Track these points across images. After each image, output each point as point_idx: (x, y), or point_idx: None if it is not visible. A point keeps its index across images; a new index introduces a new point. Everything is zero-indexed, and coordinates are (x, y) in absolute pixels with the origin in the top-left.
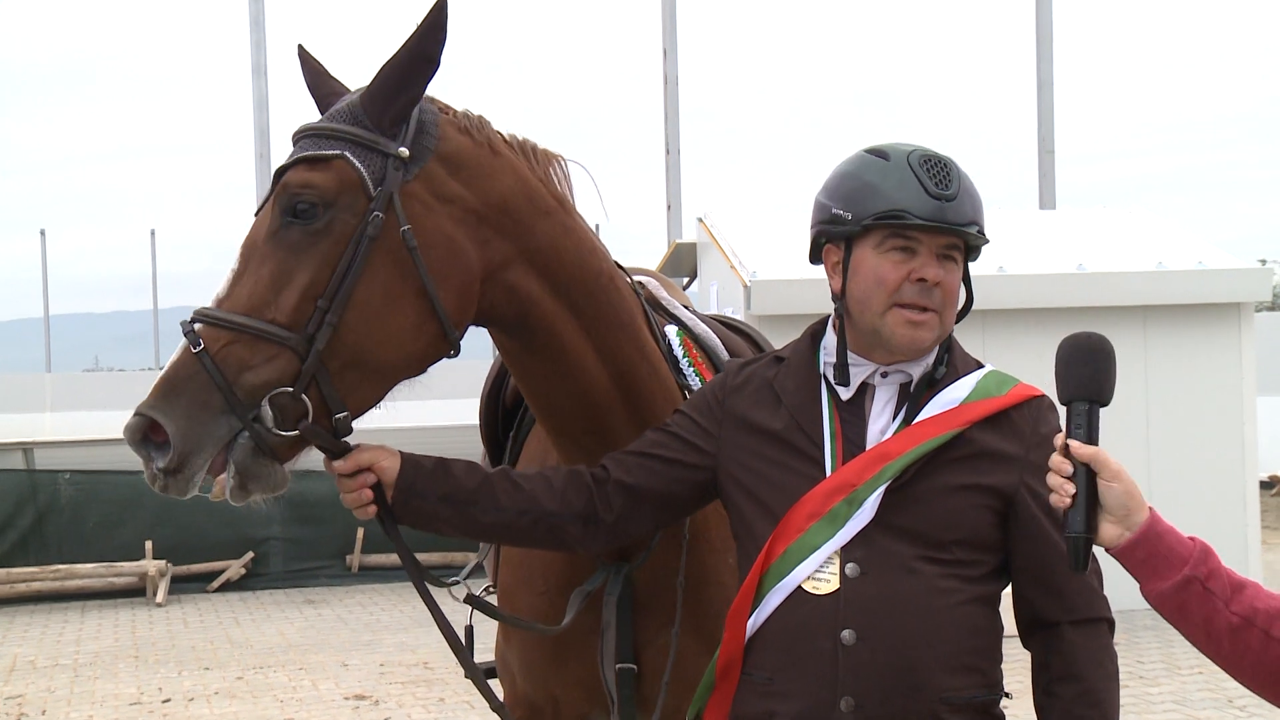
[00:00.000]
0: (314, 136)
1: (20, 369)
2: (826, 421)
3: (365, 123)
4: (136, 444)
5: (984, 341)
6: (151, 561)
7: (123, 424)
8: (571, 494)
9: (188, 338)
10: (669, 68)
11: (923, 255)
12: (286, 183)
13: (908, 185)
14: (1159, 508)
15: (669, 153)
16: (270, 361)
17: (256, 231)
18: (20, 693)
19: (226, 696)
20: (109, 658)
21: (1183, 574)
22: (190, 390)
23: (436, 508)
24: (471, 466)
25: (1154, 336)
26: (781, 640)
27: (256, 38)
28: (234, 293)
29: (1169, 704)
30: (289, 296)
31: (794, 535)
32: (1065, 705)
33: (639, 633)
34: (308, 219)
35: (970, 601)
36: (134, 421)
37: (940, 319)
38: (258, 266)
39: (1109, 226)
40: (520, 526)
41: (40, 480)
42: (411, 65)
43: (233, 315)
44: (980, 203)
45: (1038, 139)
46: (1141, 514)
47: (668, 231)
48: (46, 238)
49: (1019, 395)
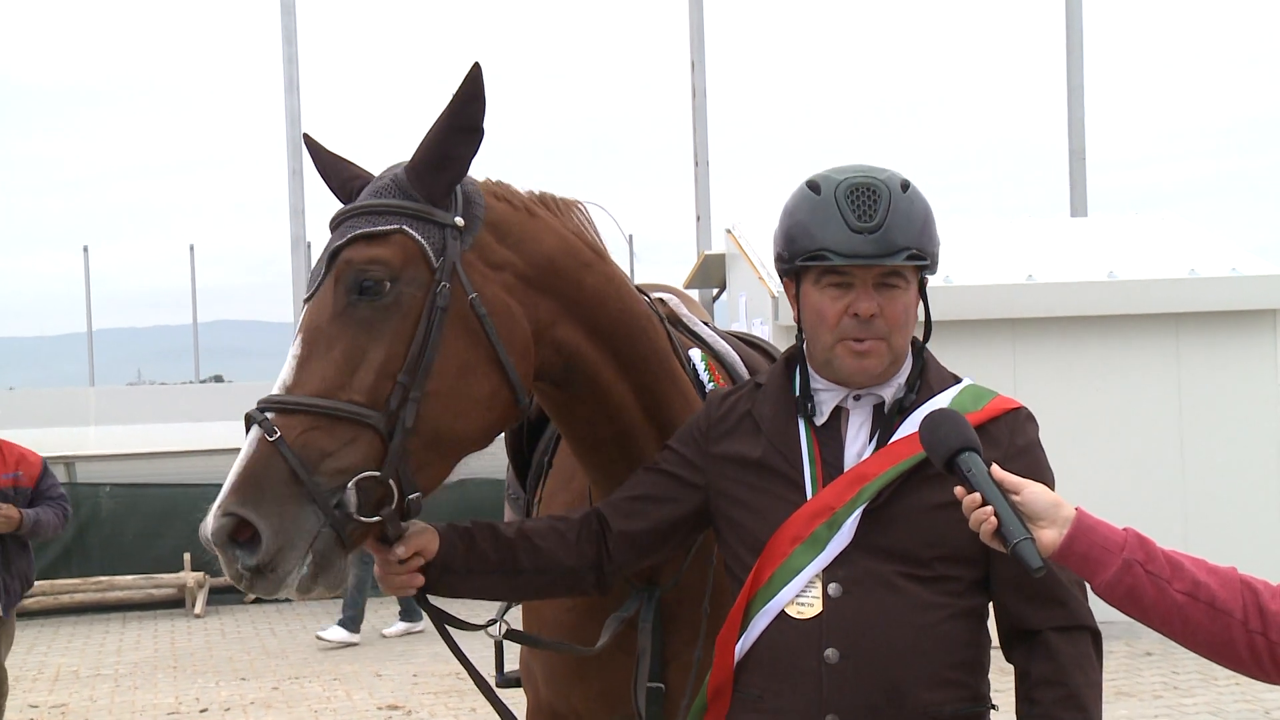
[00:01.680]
0: (365, 215)
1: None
2: (805, 446)
3: (415, 195)
4: (223, 546)
5: (1014, 351)
6: (190, 573)
7: (209, 526)
8: (585, 545)
9: (261, 426)
10: (697, 80)
11: (858, 288)
12: (349, 260)
13: (830, 222)
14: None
15: (697, 164)
16: (352, 445)
17: (317, 315)
18: (64, 702)
19: (262, 706)
20: (148, 668)
21: (1121, 558)
22: (272, 483)
23: (465, 580)
24: (495, 533)
25: (1186, 344)
26: (768, 661)
27: (289, 53)
28: (302, 378)
29: (1204, 715)
30: (365, 375)
31: (779, 560)
32: (1047, 709)
33: (665, 650)
34: (375, 295)
35: (954, 617)
36: (222, 523)
37: (888, 344)
38: (326, 349)
39: (1140, 233)
40: (540, 585)
41: (82, 493)
42: (454, 135)
43: (308, 399)
44: (919, 223)
45: (1068, 145)
46: (1068, 510)
47: (697, 243)
48: (89, 254)
49: (996, 409)
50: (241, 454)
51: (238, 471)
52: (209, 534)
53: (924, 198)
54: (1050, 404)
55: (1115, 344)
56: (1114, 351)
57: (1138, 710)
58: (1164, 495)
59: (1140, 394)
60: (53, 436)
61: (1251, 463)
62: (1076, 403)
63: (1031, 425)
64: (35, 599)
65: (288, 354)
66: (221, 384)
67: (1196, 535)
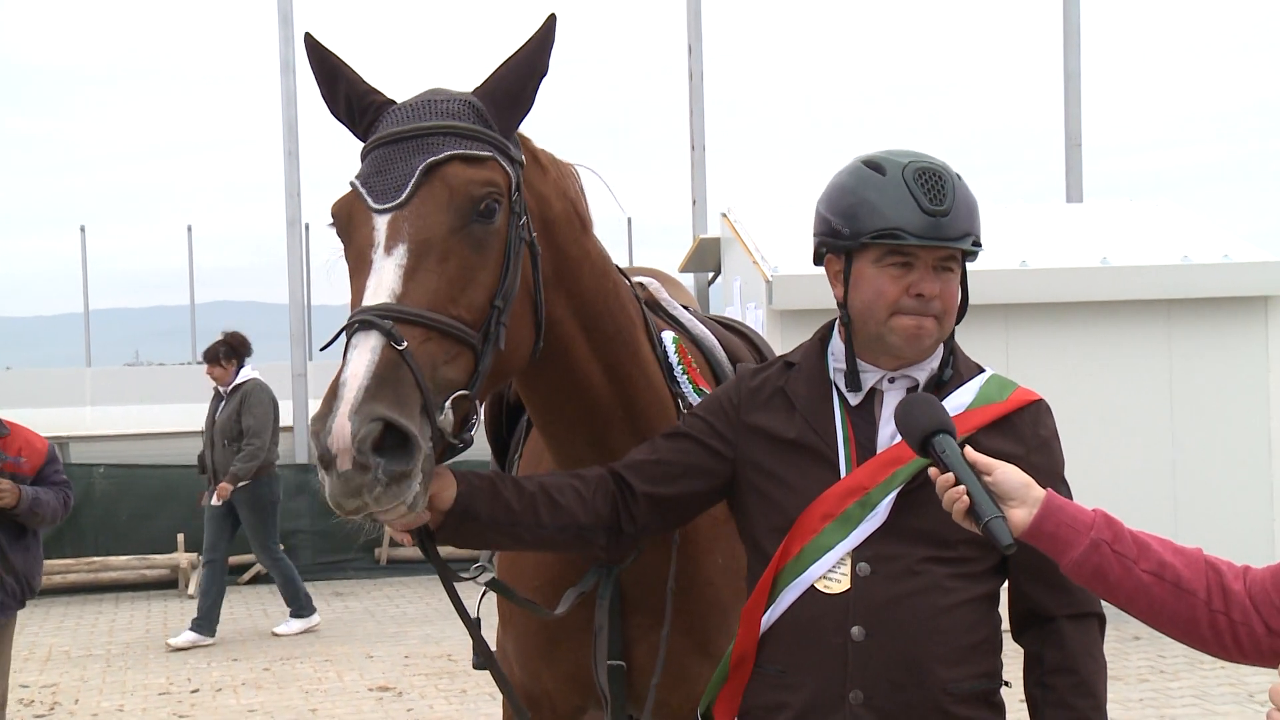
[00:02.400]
0: (453, 135)
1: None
2: (839, 425)
3: (493, 126)
4: (366, 452)
5: (1007, 336)
6: (183, 554)
7: (347, 430)
8: (600, 504)
9: (383, 333)
10: (694, 64)
11: (920, 269)
12: (463, 179)
13: (903, 202)
14: (1184, 502)
15: (694, 148)
16: (455, 360)
17: (426, 227)
18: (54, 681)
19: (253, 687)
20: (140, 648)
21: (1089, 538)
22: (406, 389)
23: (485, 529)
24: (517, 485)
25: (1179, 330)
26: (793, 636)
27: (285, 34)
28: (411, 289)
29: (1189, 698)
30: (476, 294)
31: (809, 535)
32: (1060, 695)
33: (629, 630)
34: (488, 218)
35: (973, 599)
36: (371, 427)
37: (940, 324)
38: (439, 263)
39: (1134, 220)
40: (558, 541)
41: (76, 474)
42: (529, 74)
43: (424, 311)
44: (975, 211)
45: (1065, 131)
46: (1038, 491)
47: (693, 227)
48: (86, 234)
49: (1019, 400)
50: (359, 357)
51: (369, 374)
52: (350, 438)
53: (971, 190)
54: (1042, 389)
55: (1108, 330)
56: (1106, 337)
57: (1124, 693)
58: (1155, 480)
59: (1132, 380)
60: (49, 416)
61: (1242, 449)
62: (1068, 388)
63: (1050, 417)
64: None
65: (380, 261)
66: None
67: (1186, 520)
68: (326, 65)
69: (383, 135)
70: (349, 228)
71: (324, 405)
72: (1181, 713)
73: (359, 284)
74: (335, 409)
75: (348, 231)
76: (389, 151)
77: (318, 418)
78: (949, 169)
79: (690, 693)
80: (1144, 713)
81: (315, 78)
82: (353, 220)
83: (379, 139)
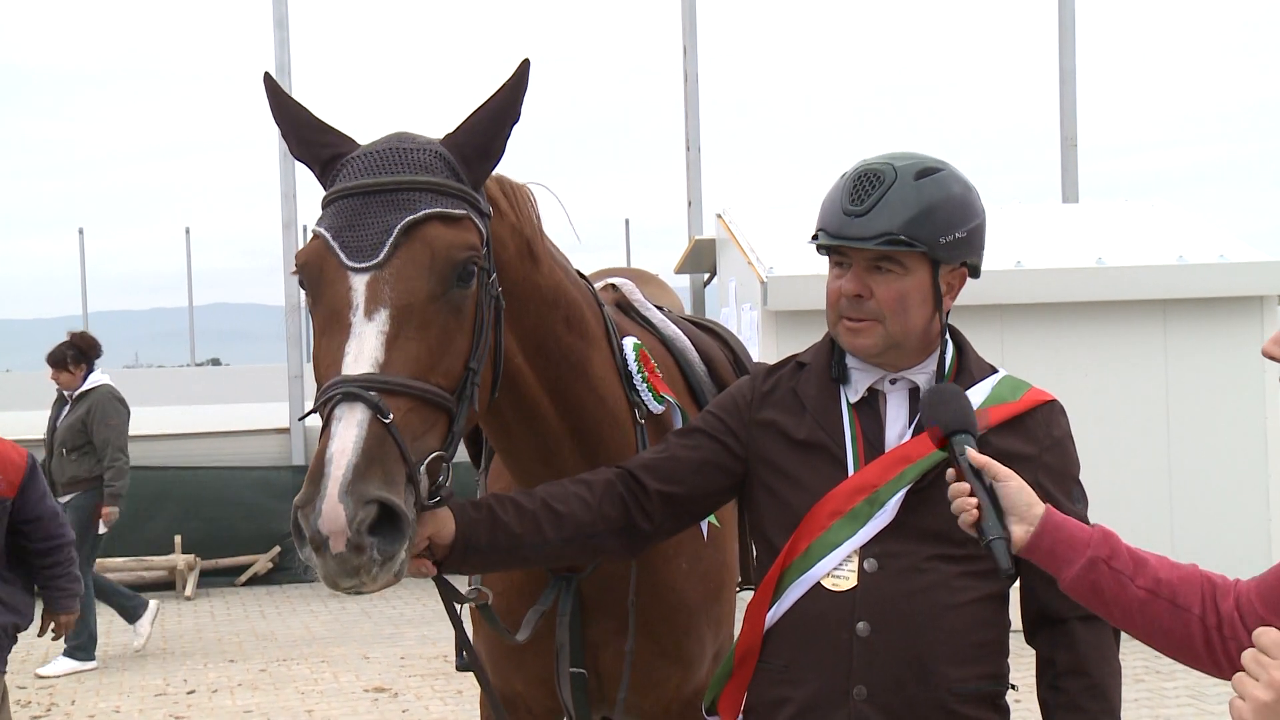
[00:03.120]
0: (430, 191)
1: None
2: (847, 424)
3: (464, 179)
4: (364, 533)
5: (1002, 336)
6: (181, 556)
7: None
8: (608, 507)
9: (370, 406)
10: (689, 65)
11: (851, 270)
12: (444, 243)
13: (832, 203)
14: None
15: (689, 149)
16: (434, 427)
17: (408, 293)
18: (51, 683)
19: (249, 688)
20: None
21: (1086, 556)
22: (393, 466)
23: (488, 555)
24: (516, 506)
25: (1174, 331)
26: (798, 631)
27: (280, 37)
28: (394, 358)
29: (1184, 698)
30: (453, 361)
31: (817, 532)
32: (1073, 699)
33: (593, 636)
34: (467, 282)
35: (980, 598)
36: (368, 510)
37: (883, 327)
38: (419, 330)
39: (1129, 220)
40: (566, 553)
41: None
42: (501, 123)
43: (407, 380)
44: (915, 211)
45: (1060, 131)
46: (1039, 508)
47: (688, 228)
48: (85, 236)
49: (1033, 400)
50: (345, 432)
51: (357, 450)
52: (345, 521)
53: (948, 188)
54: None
55: (1103, 330)
56: (1102, 338)
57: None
58: (1151, 481)
59: (1128, 380)
60: (48, 419)
61: (1238, 450)
62: (1064, 389)
63: (1064, 418)
64: None
65: (360, 325)
66: (218, 367)
67: (1182, 521)
68: (283, 108)
69: (352, 186)
70: (320, 283)
71: (310, 484)
72: (1176, 713)
73: (334, 345)
74: (323, 489)
75: (318, 287)
76: (360, 204)
77: (304, 498)
78: (906, 170)
79: (661, 696)
80: (1139, 713)
81: (274, 120)
82: (324, 275)
83: (346, 189)
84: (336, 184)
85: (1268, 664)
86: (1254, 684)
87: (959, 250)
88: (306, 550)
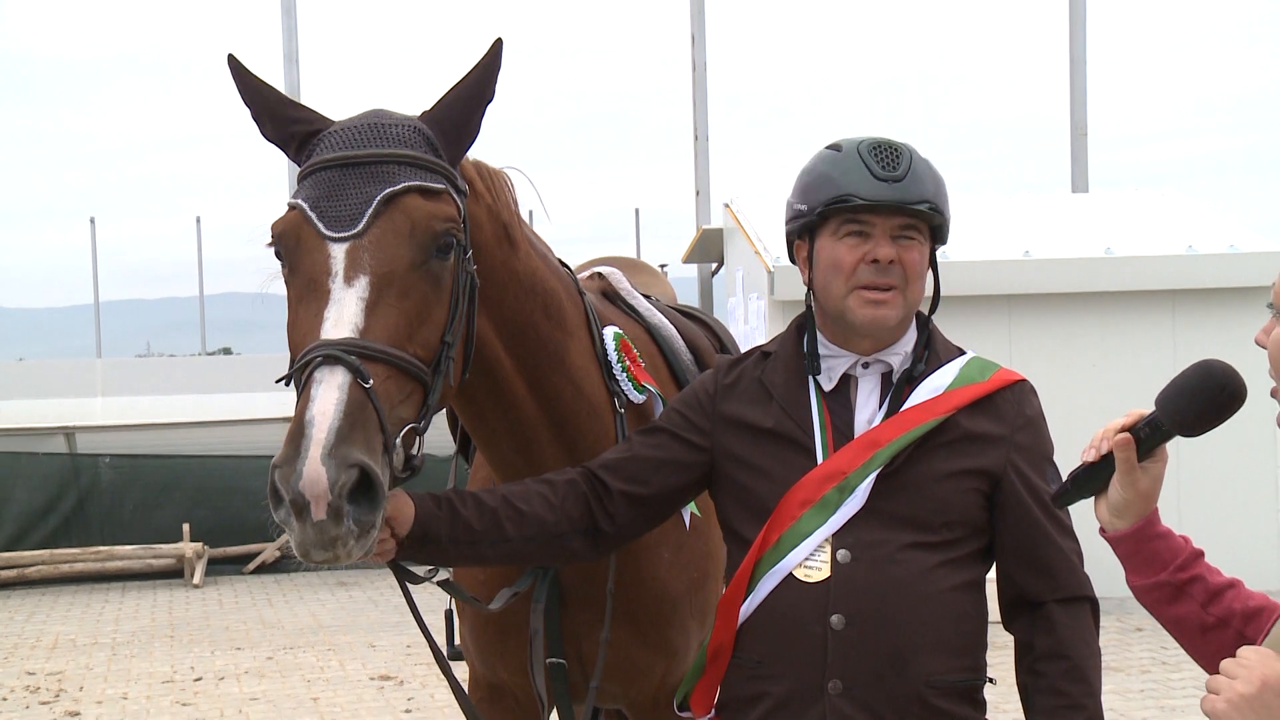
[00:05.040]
0: (409, 165)
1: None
2: (815, 411)
3: (442, 155)
4: (344, 498)
5: (1010, 326)
6: (189, 544)
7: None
8: (571, 507)
9: (350, 370)
10: (697, 54)
11: (876, 236)
12: (424, 213)
13: (855, 170)
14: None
15: (697, 139)
16: (410, 398)
17: (389, 261)
18: (60, 669)
19: (256, 676)
20: (145, 637)
21: (1159, 578)
22: (369, 431)
23: (447, 549)
24: (477, 502)
25: (1183, 321)
26: (771, 625)
27: (288, 25)
28: (372, 324)
29: (1190, 690)
30: (430, 331)
31: (787, 523)
32: (1051, 682)
33: (574, 626)
34: (445, 254)
35: (958, 588)
36: (350, 474)
37: (903, 296)
38: (398, 299)
39: (1139, 209)
40: (528, 552)
41: (82, 464)
42: (476, 102)
43: (387, 348)
44: (936, 184)
45: (1070, 121)
46: (1129, 519)
47: (696, 217)
48: (96, 225)
49: (1002, 380)
50: (326, 394)
51: (339, 413)
52: (328, 484)
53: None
54: (1045, 380)
55: (1112, 321)
56: (1110, 328)
57: (1125, 684)
58: None
59: (1136, 371)
60: (60, 407)
61: (1246, 442)
62: (1072, 379)
63: (1035, 398)
64: (35, 568)
65: (339, 292)
66: (229, 356)
67: (1190, 513)
68: (250, 88)
69: (329, 158)
70: (297, 251)
71: (288, 445)
72: (1182, 704)
73: (311, 311)
74: (304, 450)
75: (296, 255)
76: (338, 176)
77: (283, 458)
78: (909, 146)
79: (646, 686)
80: (1144, 704)
81: (243, 101)
82: (302, 244)
83: (324, 161)
84: (314, 157)
85: (1252, 664)
86: (1232, 681)
87: (948, 229)
88: (282, 513)
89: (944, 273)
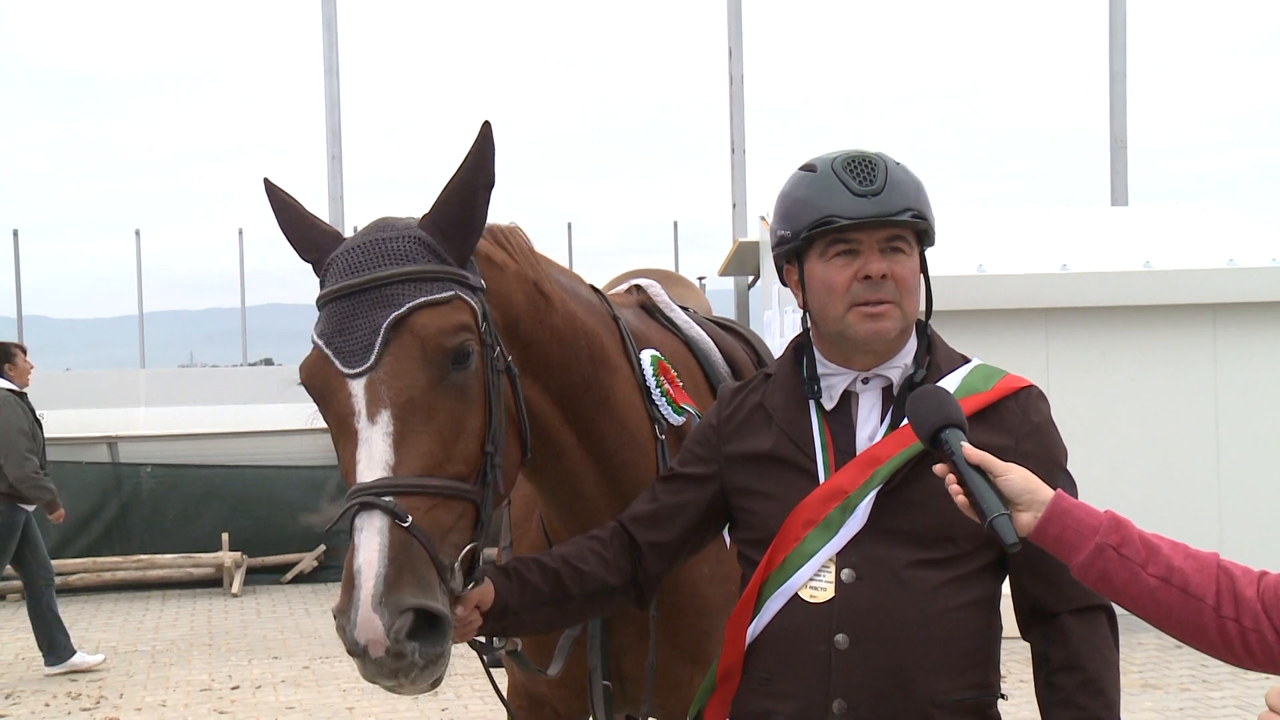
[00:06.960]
0: (410, 281)
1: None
2: (816, 432)
3: (447, 258)
4: (404, 640)
5: (1047, 341)
6: (228, 553)
7: (379, 626)
8: (623, 562)
9: (387, 511)
10: (734, 67)
11: (864, 253)
12: (433, 328)
13: (834, 190)
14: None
15: (734, 151)
16: (461, 521)
17: (405, 388)
18: (101, 676)
19: (292, 685)
20: (184, 645)
21: (1094, 542)
22: (422, 568)
23: (521, 616)
24: (540, 566)
25: (1224, 335)
26: (778, 645)
27: (329, 39)
28: (404, 456)
29: (1231, 708)
30: (469, 445)
31: (792, 544)
32: (1068, 695)
33: (615, 642)
34: (466, 363)
35: (965, 605)
36: (404, 619)
37: (900, 308)
38: (426, 423)
39: (1179, 222)
40: (589, 609)
41: (124, 473)
42: (473, 192)
43: (421, 479)
44: (916, 189)
45: (1110, 133)
46: (1045, 493)
47: (733, 230)
48: (141, 237)
49: (1007, 387)
50: (369, 542)
51: (383, 560)
52: (382, 631)
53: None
54: (1084, 394)
55: (1151, 334)
56: (1150, 342)
57: (1164, 702)
58: (1199, 487)
59: (1176, 385)
60: (104, 417)
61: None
62: (1110, 393)
63: (1044, 403)
64: (79, 576)
65: (365, 431)
66: (271, 367)
67: (1231, 527)
68: (282, 207)
69: (338, 288)
70: (324, 393)
71: (344, 595)
72: None
73: (347, 454)
74: (356, 600)
75: (323, 397)
76: (347, 306)
77: (339, 610)
78: (883, 155)
79: (684, 697)
80: None
81: (276, 221)
82: (327, 385)
83: (333, 292)
84: (325, 286)
85: None
86: None
87: (934, 231)
88: None
89: (982, 286)
